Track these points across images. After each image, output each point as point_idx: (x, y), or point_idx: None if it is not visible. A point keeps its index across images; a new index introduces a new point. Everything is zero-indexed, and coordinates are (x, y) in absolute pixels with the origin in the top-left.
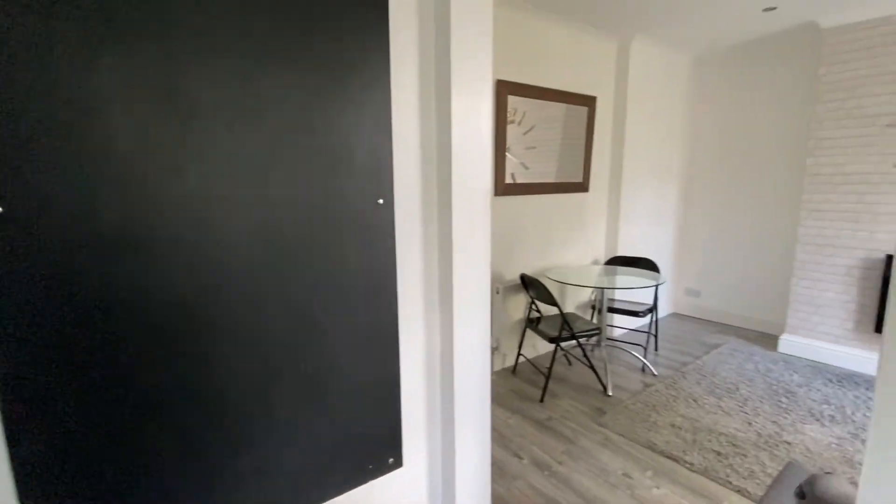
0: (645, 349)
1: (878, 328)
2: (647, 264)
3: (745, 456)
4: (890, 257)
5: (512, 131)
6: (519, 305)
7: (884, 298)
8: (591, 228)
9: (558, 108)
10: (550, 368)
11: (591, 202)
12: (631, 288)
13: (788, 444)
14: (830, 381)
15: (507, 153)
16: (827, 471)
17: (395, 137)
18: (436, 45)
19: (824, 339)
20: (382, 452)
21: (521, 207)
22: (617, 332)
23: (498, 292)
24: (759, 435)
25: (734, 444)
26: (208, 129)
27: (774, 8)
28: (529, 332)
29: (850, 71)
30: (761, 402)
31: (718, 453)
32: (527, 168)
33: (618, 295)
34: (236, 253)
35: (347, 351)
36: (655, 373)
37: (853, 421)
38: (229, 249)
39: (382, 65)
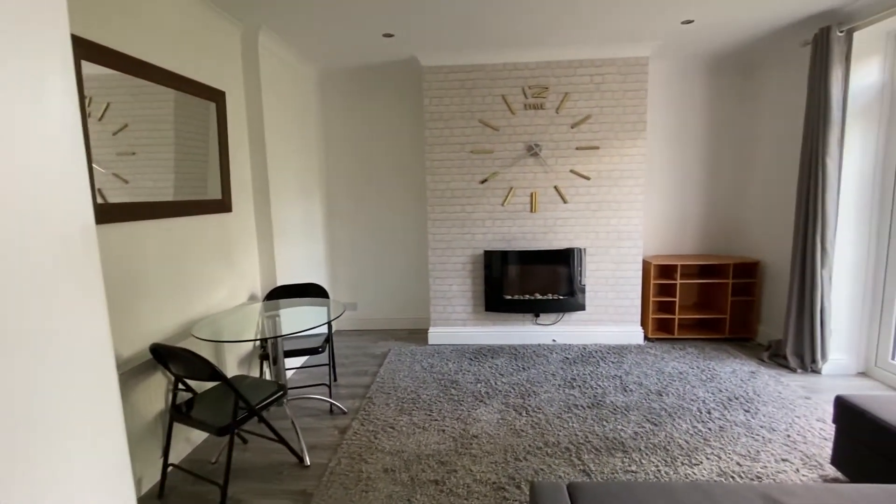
0: (329, 386)
1: (487, 307)
2: (316, 290)
3: (455, 472)
4: (486, 252)
5: (94, 130)
6: (153, 390)
7: (486, 285)
8: (242, 257)
9: (167, 99)
10: (228, 471)
11: (237, 224)
12: (311, 328)
13: (476, 437)
14: (471, 359)
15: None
16: None
17: None
18: None
19: (457, 324)
20: None
21: (130, 240)
22: (290, 375)
23: None
24: (455, 439)
25: (442, 463)
26: None
27: (392, 35)
28: (179, 426)
29: (445, 105)
30: (440, 401)
31: (436, 482)
32: (126, 182)
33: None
34: None
35: None
36: (345, 410)
37: (499, 391)
38: None
39: None
